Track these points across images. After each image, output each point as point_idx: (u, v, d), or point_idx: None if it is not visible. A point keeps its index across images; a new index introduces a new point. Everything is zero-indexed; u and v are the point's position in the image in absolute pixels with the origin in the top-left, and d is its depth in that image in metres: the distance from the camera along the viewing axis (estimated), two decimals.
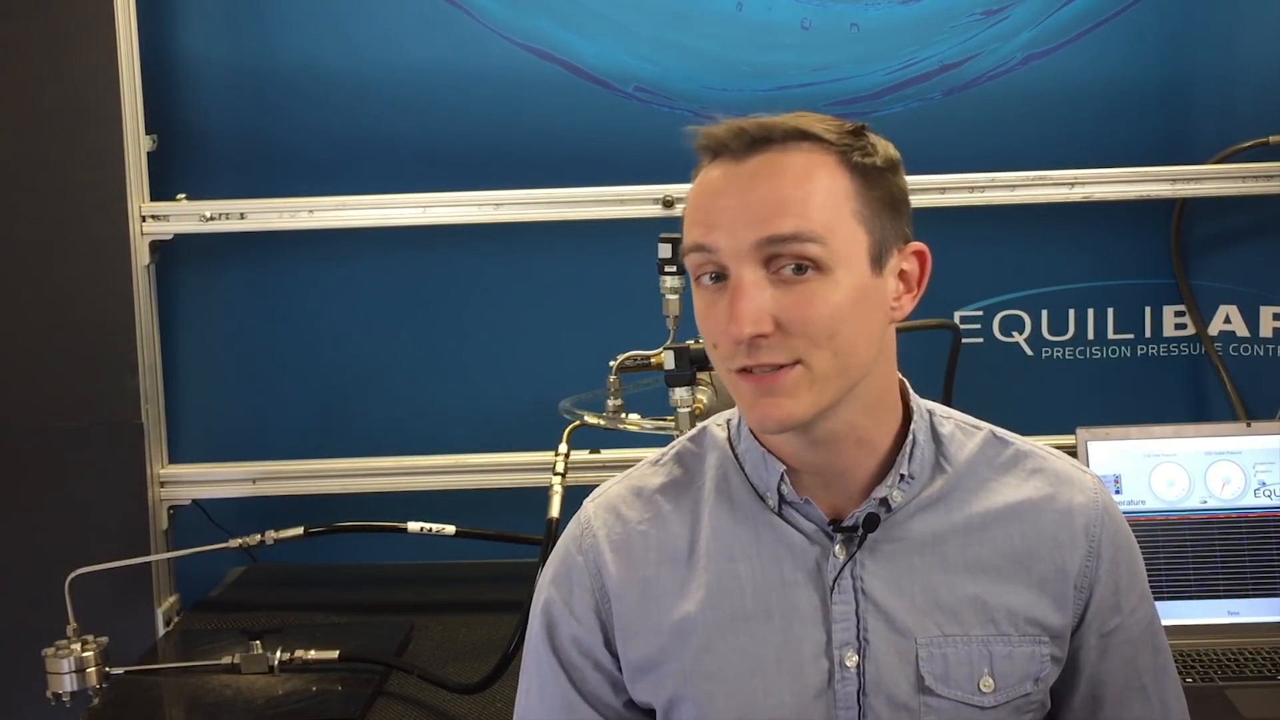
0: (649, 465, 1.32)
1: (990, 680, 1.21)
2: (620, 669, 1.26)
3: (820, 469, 1.22)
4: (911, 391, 1.27)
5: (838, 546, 1.22)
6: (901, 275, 1.21)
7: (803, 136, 1.16)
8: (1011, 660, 1.22)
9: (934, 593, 1.22)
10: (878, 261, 1.17)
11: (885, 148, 1.20)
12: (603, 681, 1.26)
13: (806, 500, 1.23)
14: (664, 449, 1.33)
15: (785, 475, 1.23)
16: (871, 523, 1.21)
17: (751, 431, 1.25)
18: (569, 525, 1.32)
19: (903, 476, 1.22)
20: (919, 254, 1.22)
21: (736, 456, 1.27)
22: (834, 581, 1.21)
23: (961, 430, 1.28)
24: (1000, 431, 1.30)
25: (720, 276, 1.15)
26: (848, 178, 1.16)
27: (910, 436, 1.23)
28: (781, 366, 1.13)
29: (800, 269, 1.13)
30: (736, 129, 1.16)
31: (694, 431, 1.33)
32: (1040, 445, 1.30)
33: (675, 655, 1.23)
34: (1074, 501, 1.26)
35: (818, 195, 1.14)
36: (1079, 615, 1.25)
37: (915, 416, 1.25)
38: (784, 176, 1.14)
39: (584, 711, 1.26)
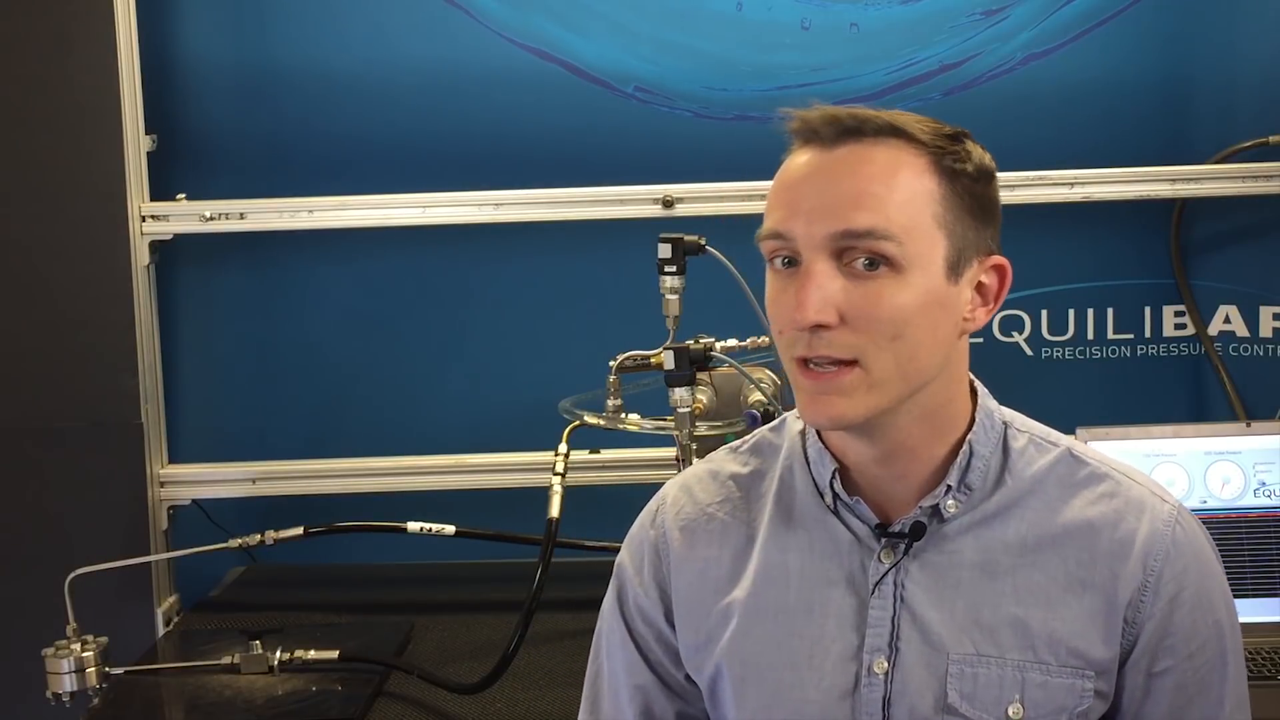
0: (728, 451, 1.34)
1: (1019, 707, 1.17)
2: (679, 644, 1.29)
3: (875, 472, 1.22)
4: (987, 401, 1.25)
5: (882, 551, 1.21)
6: (979, 288, 1.19)
7: (895, 133, 1.14)
8: (1046, 690, 1.17)
9: (976, 610, 1.19)
10: (954, 269, 1.15)
11: (981, 157, 1.18)
12: (665, 652, 1.29)
13: (856, 500, 1.22)
14: (747, 435, 1.35)
15: (838, 473, 1.22)
16: (918, 531, 1.20)
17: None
18: (652, 499, 1.35)
19: (950, 488, 1.20)
20: (999, 268, 1.20)
21: (805, 451, 1.28)
22: (875, 586, 1.21)
23: (1035, 445, 1.25)
24: (1080, 449, 1.25)
25: (792, 262, 1.15)
26: (935, 181, 1.14)
27: (966, 448, 1.21)
28: (840, 364, 1.12)
29: (872, 264, 1.12)
30: (830, 116, 1.16)
31: (775, 422, 1.34)
32: (1124, 468, 1.24)
33: (719, 636, 1.25)
34: (1139, 530, 1.19)
35: (900, 193, 1.13)
36: (1127, 650, 1.19)
37: (978, 428, 1.22)
38: (868, 170, 1.13)
39: (647, 676, 1.29)
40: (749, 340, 1.92)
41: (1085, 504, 1.21)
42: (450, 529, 2.16)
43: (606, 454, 2.28)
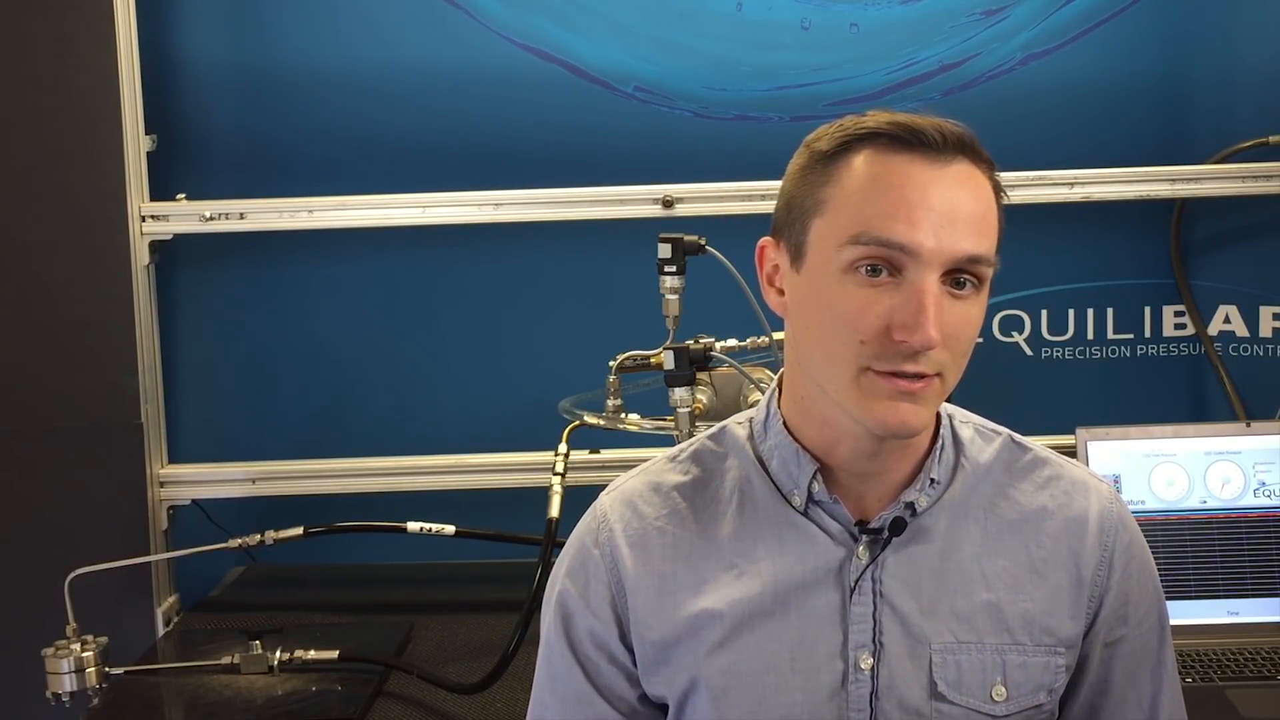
0: (666, 461, 1.31)
1: (1003, 689, 1.21)
2: (635, 663, 1.26)
3: (864, 472, 1.22)
4: None
5: (861, 548, 1.22)
6: None
7: (985, 158, 1.17)
8: (1025, 670, 1.22)
9: (950, 599, 1.22)
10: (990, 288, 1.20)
11: None
12: (617, 675, 1.26)
13: (835, 500, 1.22)
14: (682, 445, 1.33)
15: (818, 475, 1.22)
16: (898, 526, 1.21)
17: (786, 427, 1.24)
18: (584, 518, 1.32)
19: (932, 481, 1.23)
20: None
21: (759, 456, 1.27)
22: (855, 583, 1.21)
23: (981, 435, 1.28)
24: (1018, 437, 1.30)
25: (880, 271, 1.13)
26: (999, 207, 1.19)
27: (939, 441, 1.24)
28: (925, 377, 1.13)
29: (961, 284, 1.14)
30: (946, 127, 1.15)
31: (714, 430, 1.32)
32: (1056, 453, 1.31)
33: (690, 649, 1.23)
34: (1089, 509, 1.26)
35: (994, 217, 1.17)
36: (1089, 623, 1.25)
37: (943, 424, 1.25)
38: (983, 194, 1.16)
39: (598, 705, 1.26)
40: (749, 340, 1.92)
41: (1035, 488, 1.27)
42: (450, 529, 2.16)
43: (606, 454, 2.28)
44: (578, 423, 2.03)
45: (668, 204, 2.24)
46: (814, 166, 1.18)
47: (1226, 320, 2.40)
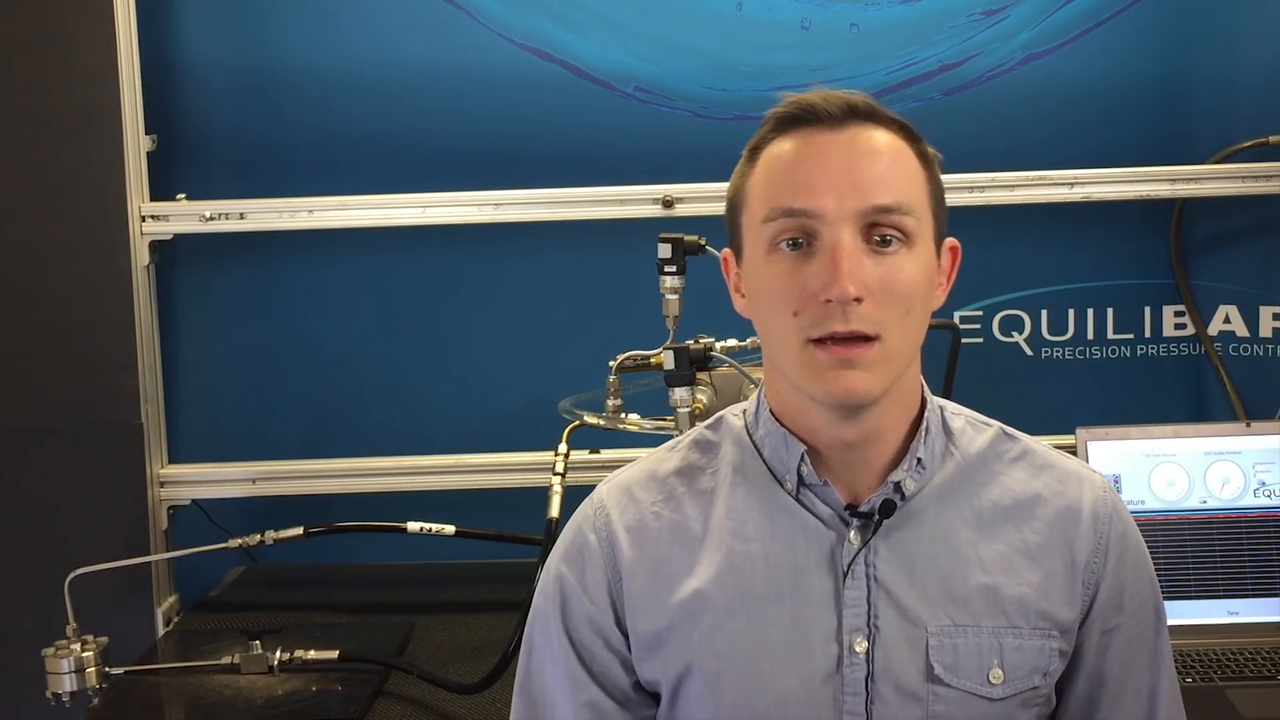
0: (664, 450, 1.34)
1: (1000, 672, 1.22)
2: (630, 649, 1.27)
3: (847, 453, 1.23)
4: (923, 381, 1.30)
5: (853, 532, 1.23)
6: (939, 268, 1.25)
7: (890, 119, 1.21)
8: (1021, 653, 1.23)
9: (946, 583, 1.23)
10: (937, 247, 1.22)
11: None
12: (613, 660, 1.27)
13: (825, 482, 1.24)
14: (679, 436, 1.35)
15: (805, 457, 1.24)
16: (888, 509, 1.22)
17: (773, 414, 1.26)
18: (581, 506, 1.33)
19: (918, 461, 1.24)
20: (953, 249, 1.27)
21: (754, 443, 1.29)
22: (848, 567, 1.22)
23: (972, 426, 1.30)
24: (1009, 429, 1.32)
25: (800, 243, 1.17)
26: (919, 164, 1.22)
27: (924, 423, 1.25)
28: (865, 340, 1.15)
29: (885, 241, 1.16)
30: (837, 97, 1.19)
31: (710, 420, 1.34)
32: (1048, 445, 1.32)
33: (684, 633, 1.24)
34: (1083, 497, 1.27)
35: (908, 170, 1.20)
36: (1085, 610, 1.26)
37: (929, 408, 1.27)
38: (884, 149, 1.19)
39: (591, 690, 1.27)
40: (749, 340, 1.92)
41: (1028, 476, 1.28)
42: (450, 529, 2.16)
43: (606, 454, 2.28)
44: (578, 423, 2.03)
45: (668, 204, 2.24)
46: (742, 168, 1.24)
47: (1226, 320, 2.40)
